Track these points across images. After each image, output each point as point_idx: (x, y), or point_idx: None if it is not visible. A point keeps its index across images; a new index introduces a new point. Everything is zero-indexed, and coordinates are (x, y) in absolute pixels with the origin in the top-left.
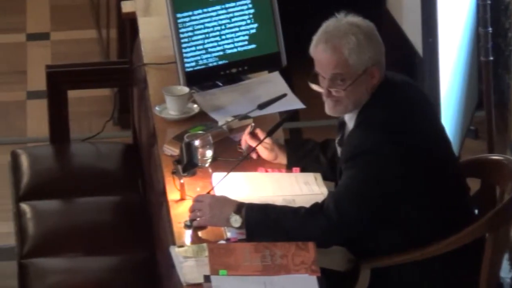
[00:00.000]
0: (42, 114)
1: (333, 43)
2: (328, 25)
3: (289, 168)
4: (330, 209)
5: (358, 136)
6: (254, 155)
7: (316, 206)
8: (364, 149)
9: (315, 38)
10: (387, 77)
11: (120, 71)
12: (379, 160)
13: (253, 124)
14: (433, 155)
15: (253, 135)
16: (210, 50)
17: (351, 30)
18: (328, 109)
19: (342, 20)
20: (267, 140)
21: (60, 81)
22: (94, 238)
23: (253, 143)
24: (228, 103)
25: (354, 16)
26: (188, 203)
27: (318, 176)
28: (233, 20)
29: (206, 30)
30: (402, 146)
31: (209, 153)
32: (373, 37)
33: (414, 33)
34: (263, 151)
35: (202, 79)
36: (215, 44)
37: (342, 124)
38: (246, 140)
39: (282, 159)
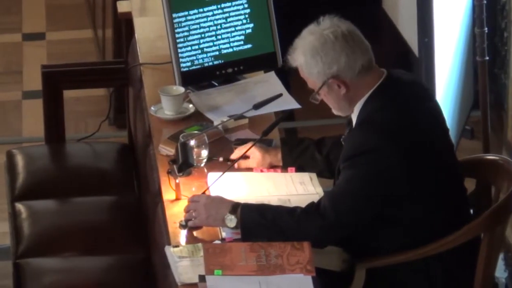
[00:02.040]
0: (37, 114)
1: (292, 56)
2: (299, 35)
3: (284, 167)
4: (327, 209)
5: (358, 136)
6: (239, 164)
7: (312, 206)
8: (363, 149)
9: None
10: (391, 74)
11: (116, 71)
12: (379, 161)
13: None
14: (434, 156)
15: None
16: (206, 50)
17: (301, 47)
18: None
19: (304, 32)
20: (252, 152)
21: (56, 81)
22: (89, 238)
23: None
24: (224, 103)
25: (329, 19)
26: (183, 203)
27: (314, 176)
28: (229, 20)
29: (202, 30)
30: (402, 148)
31: (204, 153)
32: (324, 50)
33: (410, 33)
34: (253, 162)
35: (197, 79)
36: (211, 44)
37: (350, 121)
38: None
39: (275, 161)
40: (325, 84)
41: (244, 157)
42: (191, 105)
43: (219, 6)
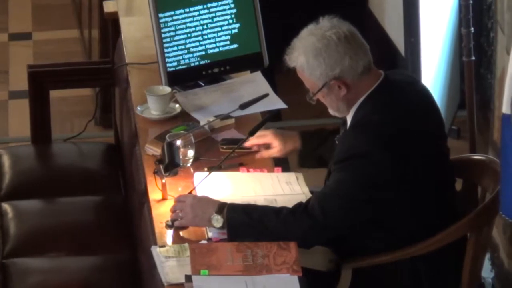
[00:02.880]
0: (24, 114)
1: (290, 57)
2: (297, 36)
3: (302, 160)
4: (315, 209)
5: (351, 138)
6: (261, 154)
7: (299, 206)
8: (354, 152)
9: None
10: (388, 76)
11: (102, 71)
12: (369, 165)
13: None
14: (425, 162)
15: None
16: (192, 50)
17: (302, 48)
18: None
19: (304, 33)
20: (269, 139)
21: (42, 81)
22: (76, 238)
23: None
24: (210, 103)
25: (329, 20)
26: (169, 203)
27: (300, 176)
28: (215, 20)
29: (188, 30)
30: (393, 152)
31: (190, 153)
32: (327, 52)
33: (396, 33)
34: (275, 151)
35: (184, 79)
36: (197, 44)
37: (345, 121)
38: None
39: (294, 148)
40: (326, 85)
41: (265, 146)
42: (177, 105)
43: (205, 6)
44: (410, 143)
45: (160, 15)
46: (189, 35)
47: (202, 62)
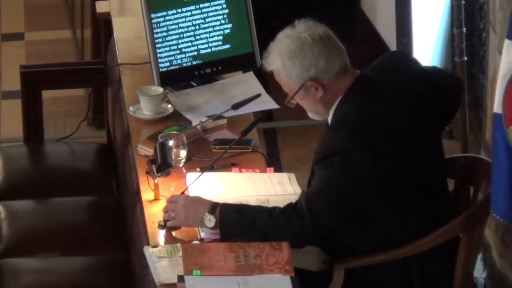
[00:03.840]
0: (16, 114)
1: (267, 61)
2: (274, 39)
3: None
4: (303, 209)
5: (330, 137)
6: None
7: (290, 207)
8: (335, 150)
9: None
10: (364, 74)
11: (94, 71)
12: (349, 162)
13: None
14: (409, 156)
15: None
16: (184, 50)
17: (277, 51)
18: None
19: (279, 36)
20: None
21: (35, 81)
22: (68, 238)
23: None
24: (202, 103)
25: (304, 23)
26: (162, 203)
27: (292, 176)
28: (207, 20)
29: (180, 30)
30: (372, 148)
31: (183, 153)
32: (302, 53)
33: (388, 33)
34: None
35: (176, 79)
36: (189, 44)
37: (327, 124)
38: None
39: None
40: (303, 87)
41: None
42: (169, 105)
43: (197, 6)
44: (389, 138)
45: (153, 15)
46: (181, 35)
47: (194, 63)
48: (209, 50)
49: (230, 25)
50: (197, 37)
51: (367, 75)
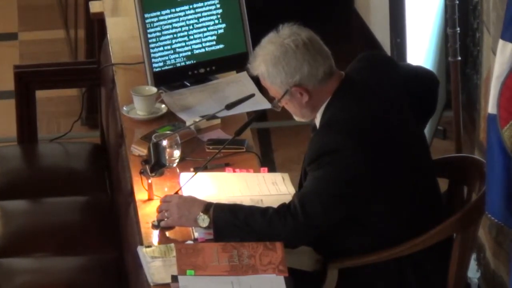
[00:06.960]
0: (10, 114)
1: (252, 65)
2: (259, 44)
3: None
4: (297, 209)
5: (321, 137)
6: None
7: (283, 207)
8: (326, 150)
9: None
10: (348, 75)
11: (88, 71)
12: (341, 161)
13: None
14: (401, 152)
15: None
16: (178, 50)
17: (262, 57)
18: None
19: (264, 41)
20: None
21: (28, 81)
22: (62, 238)
23: None
24: (196, 103)
25: (289, 27)
26: (156, 203)
27: (286, 176)
28: (201, 20)
29: (174, 30)
30: (363, 146)
31: (177, 153)
32: (285, 60)
33: (382, 33)
34: None
35: (170, 79)
36: (183, 44)
37: (314, 127)
38: None
39: None
40: (288, 92)
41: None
42: (163, 105)
43: (191, 6)
44: (379, 135)
45: (146, 15)
46: (175, 35)
47: (188, 63)
48: (202, 50)
49: (223, 25)
50: (191, 37)
51: (352, 74)
